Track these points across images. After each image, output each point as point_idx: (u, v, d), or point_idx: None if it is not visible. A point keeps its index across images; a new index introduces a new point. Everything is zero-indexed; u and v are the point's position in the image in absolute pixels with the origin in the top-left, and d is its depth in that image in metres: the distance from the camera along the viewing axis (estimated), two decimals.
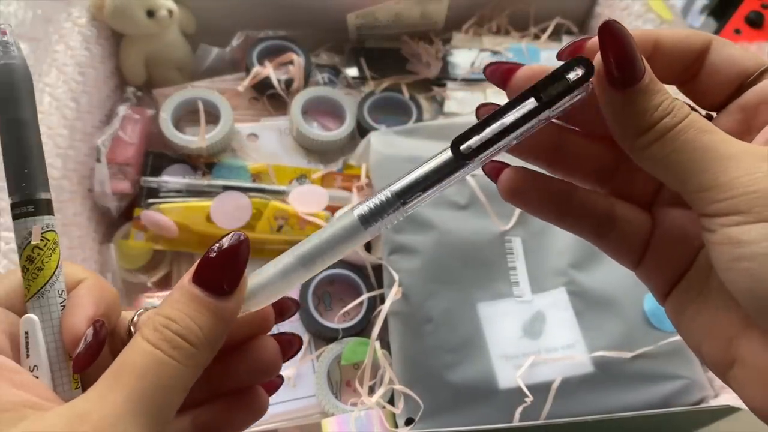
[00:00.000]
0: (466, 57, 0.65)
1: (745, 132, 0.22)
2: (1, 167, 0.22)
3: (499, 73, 0.23)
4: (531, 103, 0.20)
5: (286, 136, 0.60)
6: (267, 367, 0.23)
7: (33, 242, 0.21)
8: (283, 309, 0.25)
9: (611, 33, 0.20)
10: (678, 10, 0.76)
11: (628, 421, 0.41)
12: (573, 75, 0.20)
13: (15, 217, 0.22)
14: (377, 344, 0.45)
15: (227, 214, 0.52)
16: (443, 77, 0.64)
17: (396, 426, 0.43)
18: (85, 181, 0.52)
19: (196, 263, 0.21)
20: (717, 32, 0.73)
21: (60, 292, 0.22)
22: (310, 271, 0.22)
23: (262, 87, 0.61)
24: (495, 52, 0.66)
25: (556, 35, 0.68)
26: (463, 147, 0.21)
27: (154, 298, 0.50)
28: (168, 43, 0.61)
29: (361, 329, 0.49)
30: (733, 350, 0.20)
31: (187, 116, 0.58)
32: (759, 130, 0.21)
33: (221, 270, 0.21)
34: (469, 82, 0.64)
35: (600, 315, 0.46)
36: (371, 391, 0.45)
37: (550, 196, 0.23)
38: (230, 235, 0.21)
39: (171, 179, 0.53)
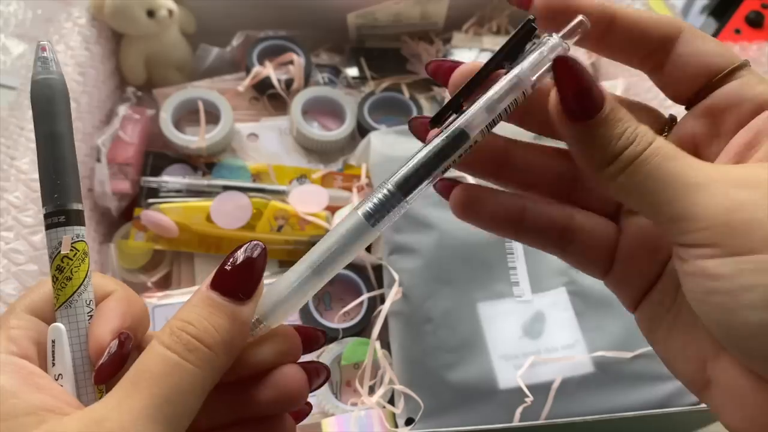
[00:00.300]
0: (466, 57, 0.65)
1: (713, 136, 0.21)
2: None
3: (442, 71, 0.23)
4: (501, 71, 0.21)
5: (286, 136, 0.60)
6: (293, 397, 0.23)
7: (62, 252, 0.22)
8: (311, 339, 0.24)
9: (565, 67, 0.19)
10: (678, 10, 0.76)
11: (628, 421, 0.41)
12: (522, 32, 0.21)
13: (47, 227, 0.22)
14: (377, 344, 0.45)
15: (227, 214, 0.52)
16: None
17: (396, 426, 0.43)
18: (86, 181, 0.52)
19: (214, 271, 0.21)
20: (717, 32, 0.73)
21: (88, 302, 0.22)
22: (323, 279, 0.22)
23: (263, 87, 0.61)
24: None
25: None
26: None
27: (154, 298, 0.50)
28: (168, 43, 0.61)
29: (361, 329, 0.49)
30: (708, 372, 0.20)
31: (187, 116, 0.59)
32: (727, 136, 0.21)
33: (238, 278, 0.21)
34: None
35: (600, 315, 0.46)
36: (371, 391, 0.45)
37: (502, 213, 0.23)
38: (248, 244, 0.21)
39: (171, 179, 0.53)
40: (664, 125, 0.23)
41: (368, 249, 0.51)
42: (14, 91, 0.54)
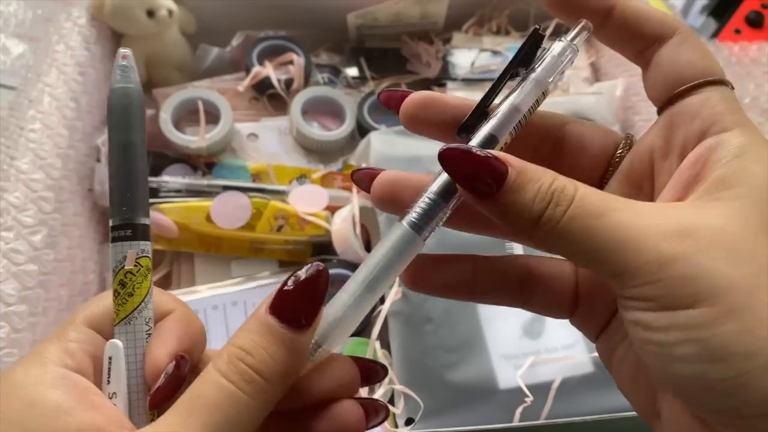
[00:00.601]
0: (466, 57, 0.65)
1: (666, 148, 0.21)
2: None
3: (394, 101, 0.23)
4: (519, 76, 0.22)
5: (286, 136, 0.60)
6: None
7: (126, 267, 0.21)
8: (370, 373, 0.23)
9: (449, 160, 0.19)
10: (678, 10, 0.76)
11: (627, 421, 0.41)
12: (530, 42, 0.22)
13: (113, 240, 0.22)
14: (377, 344, 0.45)
15: (227, 214, 0.52)
16: (443, 77, 0.64)
17: (396, 426, 0.43)
18: (85, 181, 0.52)
19: (272, 292, 0.20)
20: (717, 32, 0.73)
21: (147, 320, 0.22)
22: (376, 294, 0.21)
23: (262, 87, 0.61)
24: (495, 52, 0.66)
25: (555, 35, 0.68)
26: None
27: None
28: (168, 43, 0.61)
29: (361, 329, 0.49)
30: (657, 404, 0.20)
31: (187, 116, 0.59)
32: (674, 154, 0.20)
33: (299, 303, 0.20)
34: (469, 81, 0.64)
35: None
36: (371, 391, 0.45)
37: (454, 282, 0.23)
38: (309, 266, 0.20)
39: (171, 179, 0.53)
40: (618, 144, 0.23)
41: (368, 249, 0.51)
42: (14, 91, 0.54)
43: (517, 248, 0.49)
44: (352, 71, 0.65)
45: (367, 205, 0.51)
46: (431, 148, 0.54)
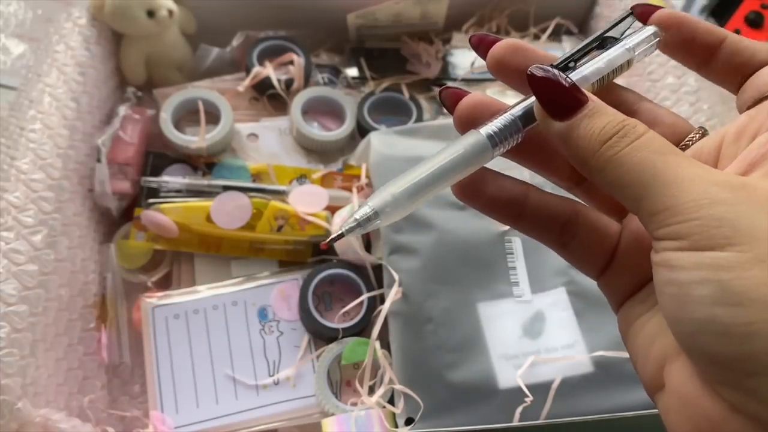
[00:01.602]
0: (466, 57, 0.65)
1: (737, 134, 0.21)
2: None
3: (484, 44, 0.24)
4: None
5: (286, 136, 0.60)
6: None
7: None
8: None
9: (536, 78, 0.20)
10: (678, 10, 0.76)
11: (627, 421, 0.41)
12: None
13: None
14: (377, 344, 0.45)
15: (227, 213, 0.52)
16: (443, 77, 0.64)
17: (396, 426, 0.43)
18: (86, 181, 0.53)
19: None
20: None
21: None
22: (435, 189, 0.21)
23: (263, 87, 0.61)
24: None
25: (555, 35, 0.68)
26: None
27: (154, 298, 0.50)
28: (168, 43, 0.61)
29: (361, 329, 0.49)
30: (663, 375, 0.20)
31: (187, 116, 0.59)
32: (749, 135, 0.21)
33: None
34: (469, 81, 0.64)
35: (600, 315, 0.46)
36: (371, 390, 0.45)
37: (504, 198, 0.23)
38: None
39: (171, 179, 0.54)
40: (689, 133, 0.23)
41: (368, 249, 0.51)
42: (14, 92, 0.54)
43: (517, 247, 0.49)
44: (352, 71, 0.65)
45: None
46: (431, 148, 0.54)
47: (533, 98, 0.21)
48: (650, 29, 0.23)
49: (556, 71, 0.20)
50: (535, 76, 0.20)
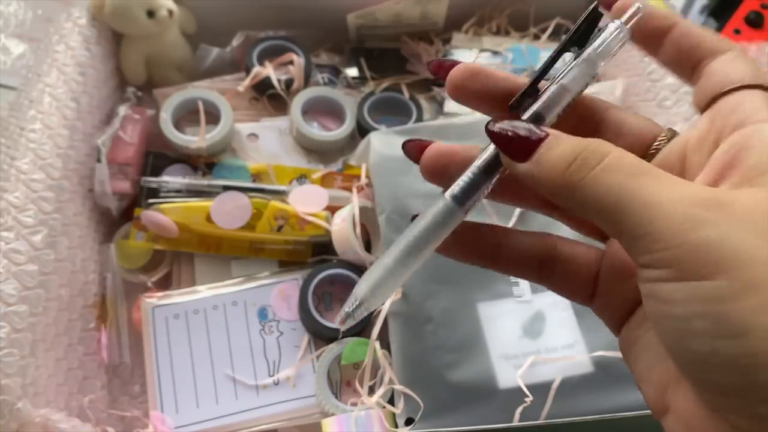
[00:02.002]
0: (466, 57, 0.65)
1: (700, 141, 0.21)
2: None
3: (443, 69, 0.23)
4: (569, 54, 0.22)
5: (286, 136, 0.60)
6: None
7: None
8: None
9: (493, 134, 0.20)
10: (678, 10, 0.76)
11: (627, 421, 0.41)
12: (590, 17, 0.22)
13: None
14: (377, 344, 0.45)
15: (227, 213, 0.52)
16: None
17: (396, 426, 0.43)
18: (86, 181, 0.53)
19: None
20: (717, 33, 0.73)
21: None
22: (418, 260, 0.22)
23: (262, 87, 0.61)
24: (495, 53, 0.66)
25: (555, 35, 0.68)
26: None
27: (154, 298, 0.50)
28: (168, 43, 0.61)
29: (361, 329, 0.49)
30: (667, 398, 0.19)
31: (187, 116, 0.59)
32: (711, 141, 0.20)
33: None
34: None
35: None
36: (371, 391, 0.45)
37: (477, 249, 0.23)
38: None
39: (171, 179, 0.54)
40: (657, 137, 0.23)
41: (368, 249, 0.51)
42: (14, 92, 0.54)
43: None
44: (352, 71, 0.65)
45: (367, 205, 0.52)
46: None
47: (492, 146, 0.21)
48: (613, 26, 0.22)
49: (510, 124, 0.20)
50: (491, 131, 0.21)
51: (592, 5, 0.22)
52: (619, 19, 0.22)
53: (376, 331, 0.45)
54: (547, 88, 0.22)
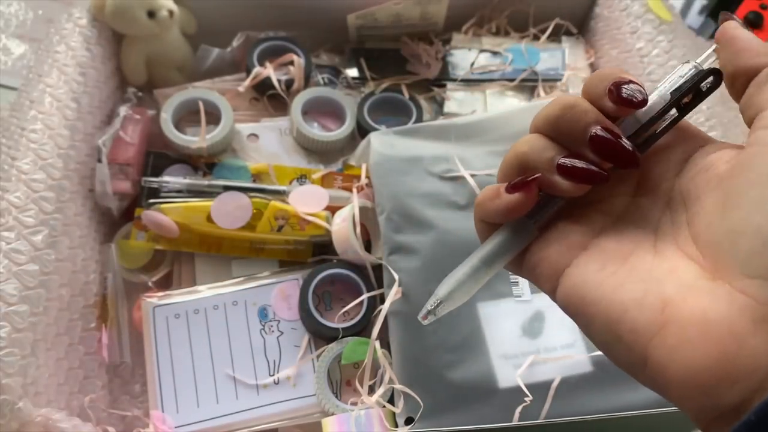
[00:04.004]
0: (465, 57, 0.66)
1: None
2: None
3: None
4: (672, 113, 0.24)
5: (286, 136, 0.60)
6: None
7: None
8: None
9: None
10: (677, 11, 0.76)
11: (627, 421, 0.41)
12: (705, 86, 0.24)
13: None
14: (377, 344, 0.45)
15: (228, 213, 0.52)
16: (443, 78, 0.64)
17: (396, 425, 0.43)
18: (86, 182, 0.53)
19: None
20: (716, 33, 0.73)
21: None
22: (493, 269, 0.25)
23: (263, 87, 0.61)
24: (495, 53, 0.66)
25: (555, 36, 0.69)
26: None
27: (154, 298, 0.50)
28: (169, 43, 0.61)
29: (361, 329, 0.49)
30: (666, 313, 0.20)
31: (187, 117, 0.59)
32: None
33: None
34: (468, 82, 0.64)
35: None
36: (371, 390, 0.45)
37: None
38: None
39: (172, 179, 0.54)
40: None
41: (368, 249, 0.52)
42: (15, 92, 0.54)
43: None
44: (352, 72, 0.65)
45: (367, 205, 0.52)
46: (431, 148, 0.54)
47: None
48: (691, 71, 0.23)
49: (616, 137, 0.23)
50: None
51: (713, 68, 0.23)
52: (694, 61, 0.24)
53: (376, 330, 0.46)
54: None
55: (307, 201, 0.53)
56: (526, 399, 0.42)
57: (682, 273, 0.20)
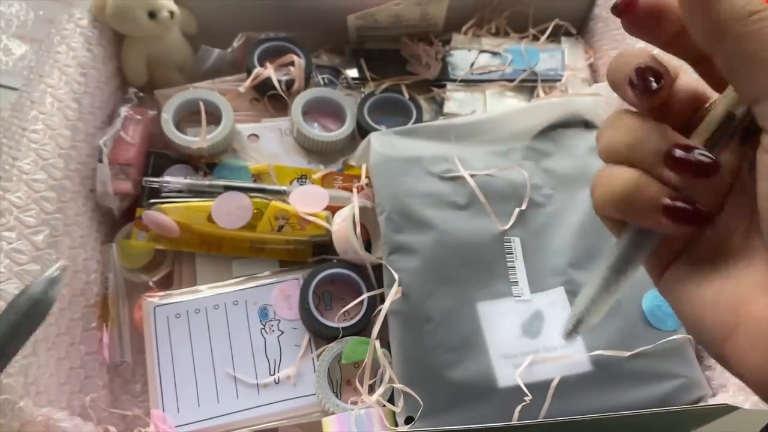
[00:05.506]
0: (465, 58, 0.66)
1: None
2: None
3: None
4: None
5: (286, 136, 0.60)
6: None
7: None
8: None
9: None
10: None
11: (626, 420, 0.41)
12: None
13: None
14: (377, 343, 0.46)
15: (228, 213, 0.52)
16: (443, 78, 0.64)
17: (396, 424, 0.43)
18: (87, 182, 0.53)
19: None
20: None
21: None
22: (626, 277, 0.23)
23: (263, 88, 0.61)
24: (494, 53, 0.66)
25: (554, 36, 0.69)
26: None
27: (155, 298, 0.50)
28: (169, 44, 0.61)
29: (362, 328, 0.49)
30: (740, 315, 0.19)
31: (188, 117, 0.59)
32: None
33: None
34: (468, 83, 0.64)
35: None
36: (371, 389, 0.45)
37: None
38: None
39: (172, 179, 0.54)
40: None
41: (368, 249, 0.52)
42: (16, 92, 0.54)
43: (516, 247, 0.49)
44: (352, 72, 0.65)
45: (367, 205, 0.52)
46: (431, 148, 0.54)
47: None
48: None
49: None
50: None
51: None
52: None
53: (376, 330, 0.46)
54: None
55: (307, 201, 0.53)
56: (525, 398, 0.43)
57: (757, 269, 0.20)
